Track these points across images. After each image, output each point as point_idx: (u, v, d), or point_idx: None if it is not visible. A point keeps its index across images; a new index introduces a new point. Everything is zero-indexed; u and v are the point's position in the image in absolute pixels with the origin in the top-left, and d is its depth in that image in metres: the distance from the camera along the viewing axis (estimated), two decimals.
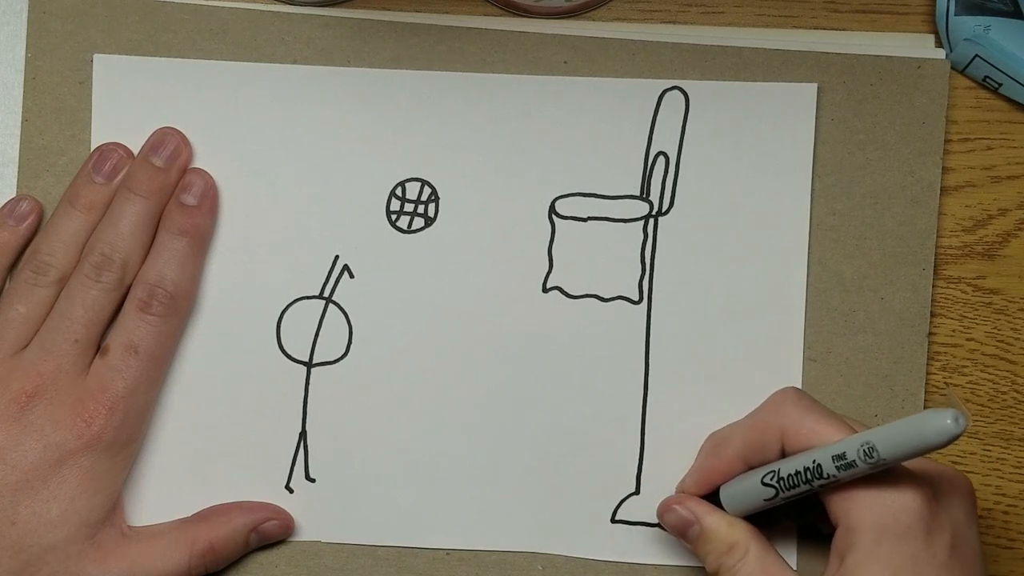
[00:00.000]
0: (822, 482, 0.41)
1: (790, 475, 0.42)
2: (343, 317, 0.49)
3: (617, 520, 0.49)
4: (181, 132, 0.48)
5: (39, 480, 0.44)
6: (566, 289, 0.49)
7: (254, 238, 0.49)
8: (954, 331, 0.50)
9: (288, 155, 0.49)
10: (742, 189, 0.49)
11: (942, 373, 0.50)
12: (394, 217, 0.49)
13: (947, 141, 0.50)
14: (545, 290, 0.49)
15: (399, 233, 0.49)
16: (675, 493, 0.48)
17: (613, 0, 0.50)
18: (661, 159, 0.49)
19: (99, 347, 0.47)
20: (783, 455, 0.43)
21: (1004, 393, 0.50)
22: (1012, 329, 0.50)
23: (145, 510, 0.49)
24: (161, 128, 0.48)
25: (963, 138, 0.50)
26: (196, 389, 0.49)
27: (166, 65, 0.49)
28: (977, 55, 0.48)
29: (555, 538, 0.49)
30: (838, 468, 0.40)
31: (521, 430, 0.49)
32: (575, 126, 0.49)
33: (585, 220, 0.49)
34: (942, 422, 0.37)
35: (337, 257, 0.49)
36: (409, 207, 0.49)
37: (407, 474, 0.49)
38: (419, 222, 0.49)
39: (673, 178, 0.49)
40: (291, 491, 0.49)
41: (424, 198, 0.49)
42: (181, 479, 0.49)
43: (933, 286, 0.49)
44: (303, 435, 0.49)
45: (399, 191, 0.49)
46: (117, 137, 0.49)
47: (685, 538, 0.46)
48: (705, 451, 0.47)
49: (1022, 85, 0.49)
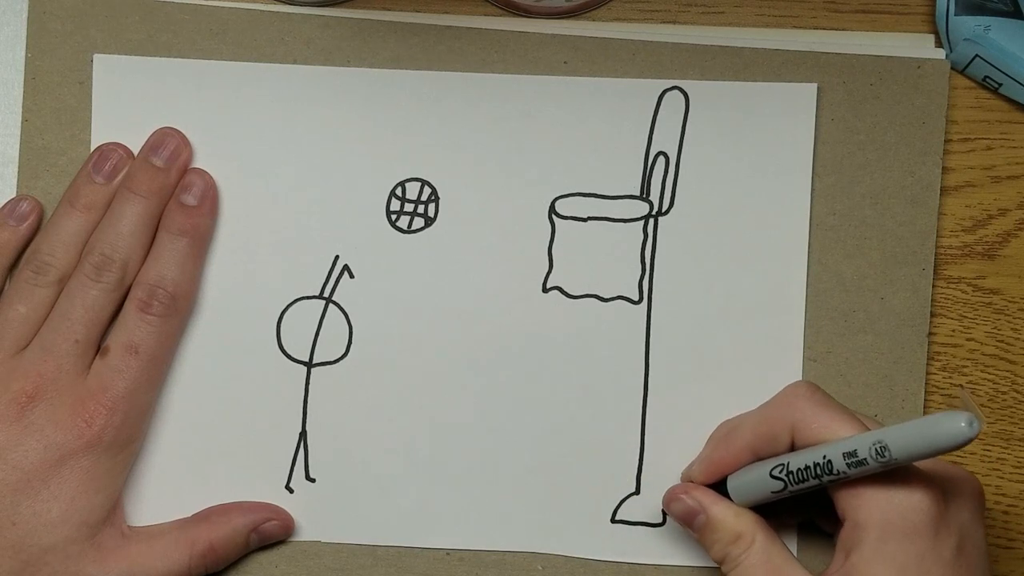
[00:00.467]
0: (831, 478, 0.41)
1: (799, 469, 0.42)
2: (343, 317, 0.49)
3: (617, 520, 0.49)
4: (181, 132, 0.48)
5: (39, 480, 0.44)
6: (566, 289, 0.49)
7: (254, 238, 0.49)
8: (954, 331, 0.50)
9: (288, 155, 0.49)
10: (742, 189, 0.49)
11: (942, 373, 0.50)
12: (394, 217, 0.49)
13: (947, 141, 0.50)
14: (545, 290, 0.49)
15: (399, 233, 0.49)
16: (680, 481, 0.48)
17: (613, 0, 0.50)
18: (661, 159, 0.49)
19: (99, 347, 0.47)
20: (792, 448, 0.43)
21: (1004, 393, 0.50)
22: (1012, 329, 0.50)
23: (145, 510, 0.49)
24: (161, 128, 0.48)
25: (963, 138, 0.50)
26: (196, 389, 0.49)
27: (166, 65, 0.49)
28: (977, 55, 0.48)
29: (555, 538, 0.49)
30: (849, 465, 0.40)
31: (521, 430, 0.49)
32: (575, 126, 0.49)
33: (585, 220, 0.49)
34: (956, 425, 0.37)
35: (337, 257, 0.49)
36: (409, 207, 0.49)
37: (407, 474, 0.49)
38: (419, 222, 0.49)
39: (673, 178, 0.49)
40: (291, 491, 0.49)
41: (424, 198, 0.49)
42: (181, 479, 0.49)
43: (933, 286, 0.49)
44: (303, 435, 0.49)
45: (399, 191, 0.49)
46: (117, 137, 0.49)
47: (691, 527, 0.46)
48: (714, 440, 0.47)
49: (1022, 85, 0.49)
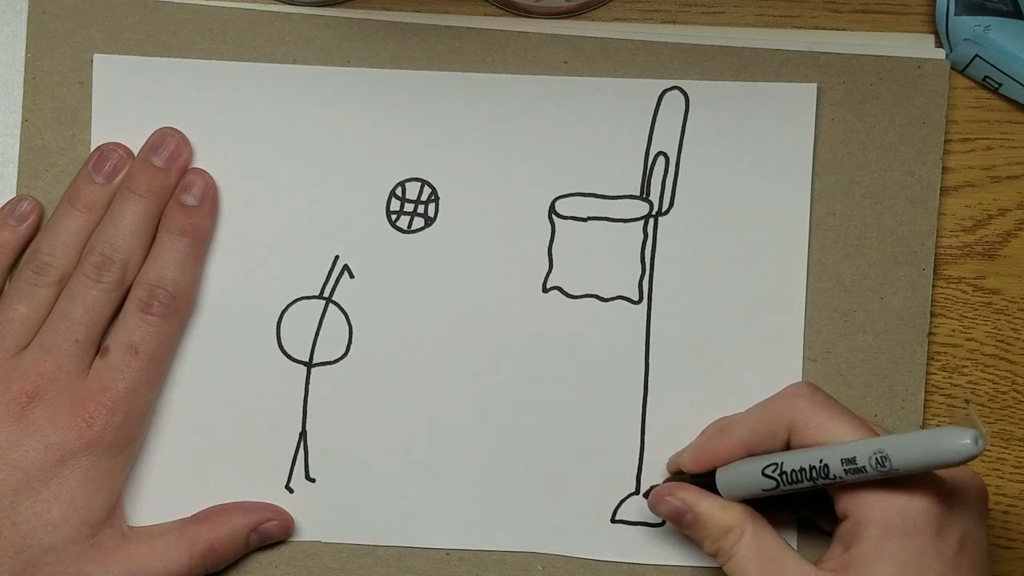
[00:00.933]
0: (826, 482, 0.41)
1: (794, 471, 0.42)
2: (343, 317, 0.49)
3: (617, 520, 0.49)
4: (181, 132, 0.48)
5: (40, 481, 0.44)
6: (566, 289, 0.49)
7: (254, 238, 0.49)
8: (954, 331, 0.50)
9: (288, 155, 0.49)
10: (742, 189, 0.49)
11: (942, 373, 0.50)
12: (394, 217, 0.49)
13: (947, 141, 0.50)
14: (545, 290, 0.49)
15: (399, 233, 0.49)
16: (667, 468, 0.48)
17: (613, 0, 0.50)
18: (661, 159, 0.49)
19: (99, 347, 0.47)
20: (788, 447, 0.43)
21: (1004, 393, 0.50)
22: (1012, 329, 0.50)
23: (145, 510, 0.49)
24: (161, 128, 0.48)
25: (963, 138, 0.50)
26: (196, 389, 0.49)
27: (166, 65, 0.49)
28: (977, 55, 0.48)
29: (555, 538, 0.49)
30: (846, 471, 0.40)
31: (521, 430, 0.49)
32: (575, 126, 0.49)
33: (585, 220, 0.49)
34: (961, 441, 0.37)
35: (337, 257, 0.49)
36: (409, 207, 0.49)
37: (407, 474, 0.49)
38: (419, 222, 0.49)
39: (673, 178, 0.49)
40: (291, 491, 0.49)
41: (424, 198, 0.49)
42: (181, 479, 0.49)
43: (933, 286, 0.49)
44: (303, 435, 0.49)
45: (399, 191, 0.49)
46: (117, 137, 0.49)
47: (680, 525, 0.46)
48: (708, 433, 0.47)
49: (1022, 85, 0.49)
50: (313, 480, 0.49)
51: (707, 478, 0.46)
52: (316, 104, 0.49)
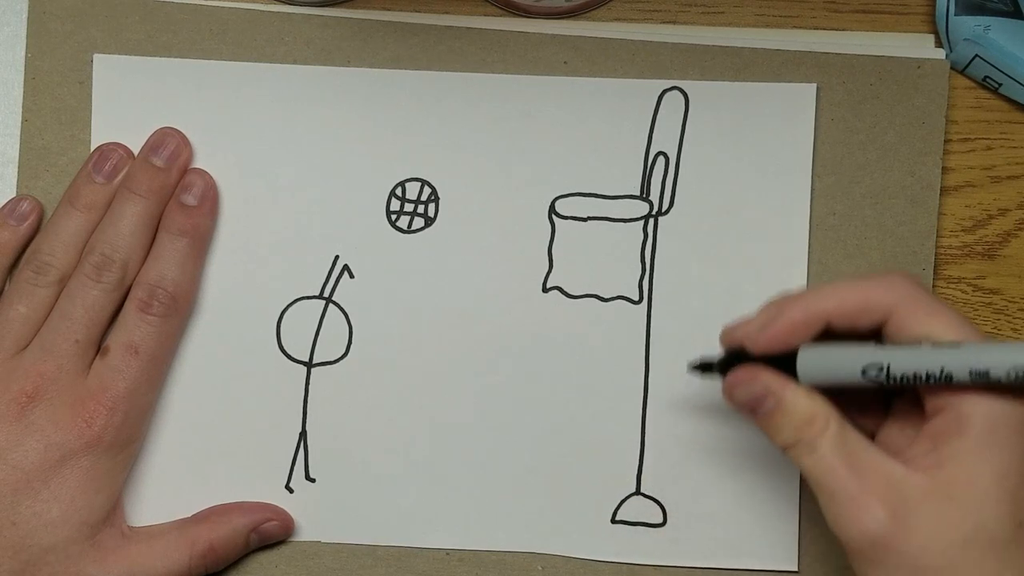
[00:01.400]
0: (938, 378, 0.38)
1: (905, 375, 0.38)
2: (343, 317, 0.49)
3: (617, 520, 0.49)
4: (181, 132, 0.48)
5: (40, 481, 0.44)
6: (566, 289, 0.49)
7: (254, 238, 0.49)
8: None
9: (288, 155, 0.49)
10: (742, 189, 0.49)
11: None
12: (394, 217, 0.49)
13: (947, 141, 0.50)
14: (545, 290, 0.49)
15: (399, 233, 0.49)
16: (723, 343, 0.43)
17: (613, 0, 0.50)
18: (661, 159, 0.49)
19: (100, 347, 0.47)
20: (873, 335, 0.40)
21: None
22: (1012, 329, 0.50)
23: (145, 510, 0.49)
24: (161, 128, 0.48)
25: (963, 138, 0.50)
26: (196, 389, 0.49)
27: (166, 65, 0.49)
28: (977, 55, 0.48)
29: (555, 538, 0.49)
30: (972, 379, 0.37)
31: (521, 430, 0.49)
32: (575, 126, 0.49)
33: (585, 220, 0.49)
34: None
35: (337, 257, 0.49)
36: (409, 207, 0.49)
37: (407, 474, 0.49)
38: (419, 222, 0.49)
39: (673, 178, 0.49)
40: (291, 491, 0.49)
41: (424, 198, 0.49)
42: (181, 479, 0.49)
43: (933, 286, 0.49)
44: (303, 435, 0.49)
45: (399, 191, 0.49)
46: (117, 137, 0.49)
47: (755, 415, 0.41)
48: (790, 307, 0.41)
49: (1022, 85, 0.49)
50: (313, 480, 0.49)
51: (776, 360, 0.41)
52: (316, 104, 0.49)
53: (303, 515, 0.49)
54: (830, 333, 0.41)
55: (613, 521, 0.49)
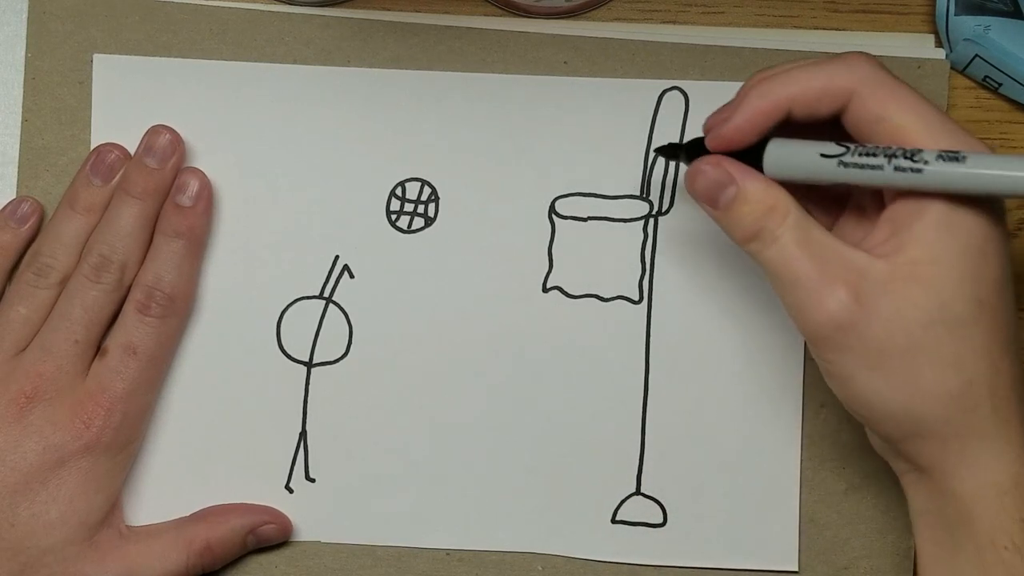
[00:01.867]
0: (906, 165, 0.37)
1: (871, 147, 0.38)
2: (343, 317, 0.49)
3: (617, 520, 0.49)
4: (174, 129, 0.48)
5: (38, 482, 0.44)
6: (566, 289, 0.49)
7: (254, 238, 0.49)
8: None
9: (288, 155, 0.49)
10: None
11: None
12: (394, 217, 0.49)
13: None
14: (545, 290, 0.49)
15: (399, 233, 0.49)
16: (703, 132, 0.43)
17: (613, 0, 0.50)
18: (661, 159, 0.49)
19: (99, 348, 0.47)
20: (835, 120, 0.40)
21: None
22: None
23: (144, 510, 0.48)
24: (153, 127, 0.48)
25: None
26: (196, 389, 0.49)
27: (166, 65, 0.49)
28: (977, 55, 0.48)
29: (555, 538, 0.49)
30: (940, 157, 0.37)
31: (521, 430, 0.49)
32: (575, 126, 0.49)
33: (585, 220, 0.49)
34: None
35: (337, 257, 0.49)
36: (409, 207, 0.49)
37: (407, 474, 0.49)
38: (419, 222, 0.49)
39: (673, 178, 0.49)
40: (291, 491, 0.49)
41: (424, 198, 0.49)
42: (181, 479, 0.49)
43: None
44: (303, 435, 0.49)
45: (399, 191, 0.49)
46: (117, 137, 0.49)
47: (716, 204, 0.41)
48: (749, 94, 0.41)
49: (1022, 85, 0.49)
50: (313, 480, 0.49)
51: (743, 155, 0.41)
52: (316, 104, 0.49)
53: (303, 515, 0.49)
54: (792, 125, 0.41)
55: (613, 521, 0.49)
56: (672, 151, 0.45)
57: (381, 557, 0.49)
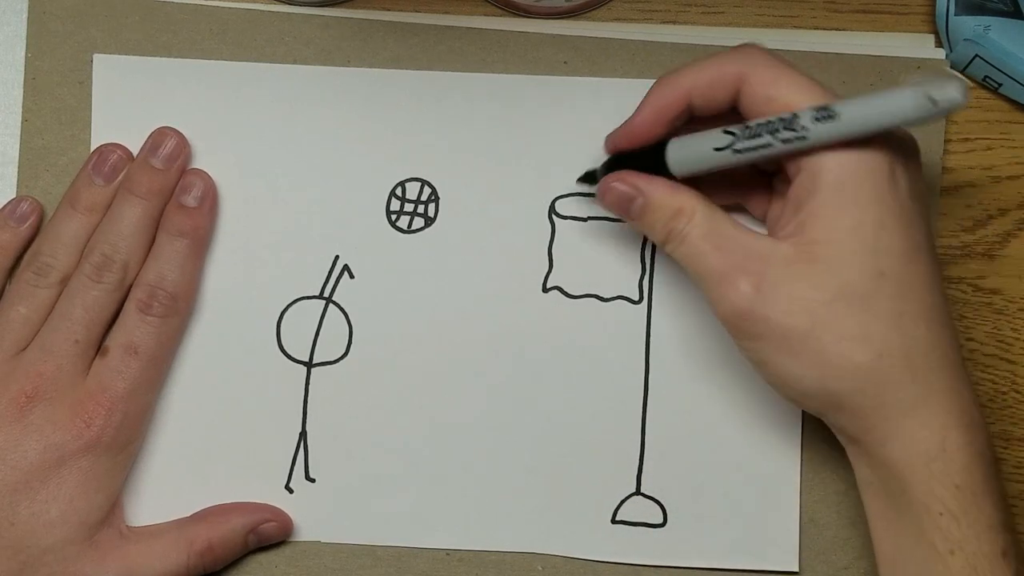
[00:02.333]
0: (789, 135, 0.39)
1: (759, 123, 0.40)
2: (343, 317, 0.49)
3: (617, 520, 0.49)
4: (180, 132, 0.48)
5: (38, 481, 0.44)
6: (566, 289, 0.49)
7: (254, 238, 0.49)
8: None
9: (288, 155, 0.49)
10: None
11: None
12: (394, 217, 0.49)
13: (947, 141, 0.50)
14: (545, 290, 0.49)
15: (399, 233, 0.49)
16: (606, 150, 0.46)
17: (613, 0, 0.50)
18: None
19: (99, 348, 0.47)
20: (733, 108, 0.42)
21: (1004, 393, 0.50)
22: (1012, 329, 0.50)
23: (145, 510, 0.48)
24: (160, 128, 0.48)
25: (963, 138, 0.50)
26: (196, 389, 0.49)
27: (166, 65, 0.49)
28: (977, 55, 0.48)
29: (555, 538, 0.49)
30: (816, 119, 0.38)
31: (521, 430, 0.49)
32: (575, 126, 0.49)
33: (585, 220, 0.49)
34: (952, 88, 0.36)
35: (337, 257, 0.49)
36: (409, 207, 0.49)
37: (407, 474, 0.49)
38: (419, 222, 0.49)
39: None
40: (291, 491, 0.49)
41: (424, 198, 0.49)
42: (181, 479, 0.49)
43: None
44: (303, 435, 0.49)
45: (399, 191, 0.49)
46: (117, 137, 0.49)
47: (628, 215, 0.44)
48: (651, 92, 0.44)
49: (1022, 85, 0.49)
50: (313, 480, 0.49)
51: (652, 162, 0.44)
52: (316, 104, 0.49)
53: (303, 515, 0.49)
54: (699, 120, 0.43)
55: (613, 521, 0.49)
56: (591, 177, 0.47)
57: (381, 557, 0.49)
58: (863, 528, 0.48)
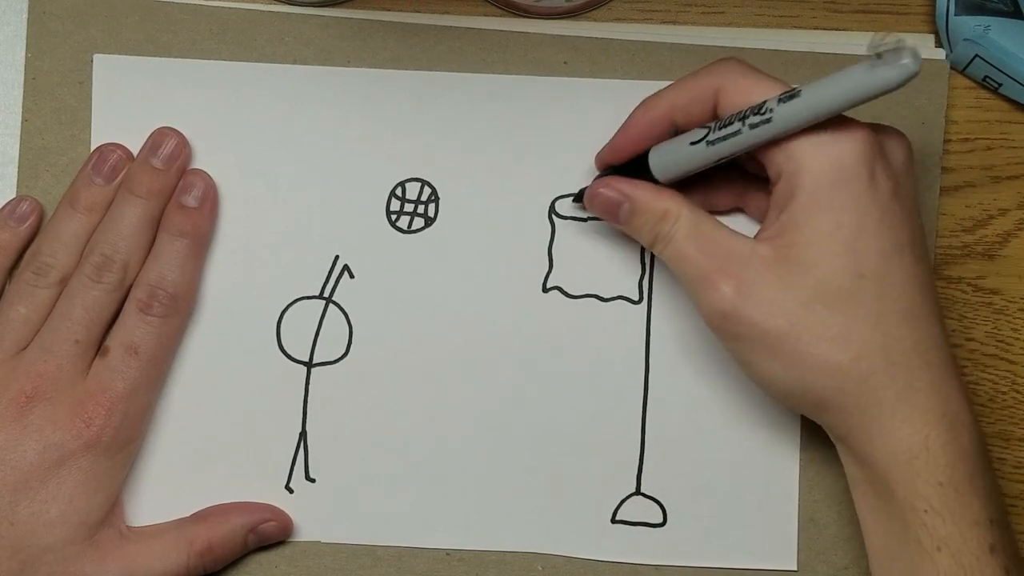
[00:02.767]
0: (756, 119, 0.40)
1: (729, 116, 0.41)
2: (343, 317, 0.49)
3: (617, 520, 0.49)
4: (180, 132, 0.48)
5: (38, 481, 0.44)
6: (566, 289, 0.49)
7: (254, 238, 0.49)
8: (954, 331, 0.50)
9: (288, 155, 0.49)
10: None
11: None
12: (394, 217, 0.49)
13: (947, 141, 0.50)
14: (545, 290, 0.49)
15: (399, 233, 0.49)
16: (596, 166, 0.48)
17: (613, 0, 0.50)
18: None
19: (99, 348, 0.47)
20: (715, 119, 0.43)
21: (1004, 393, 0.50)
22: (1012, 329, 0.50)
23: (145, 510, 0.48)
24: (160, 128, 0.48)
25: (963, 138, 0.50)
26: (196, 389, 0.49)
27: (166, 65, 0.49)
28: (977, 55, 0.48)
29: (555, 538, 0.49)
30: (780, 101, 0.39)
31: (521, 430, 0.49)
32: (575, 126, 0.49)
33: (585, 220, 0.49)
34: (903, 60, 0.37)
35: (337, 257, 0.49)
36: (409, 207, 0.49)
37: (407, 474, 0.49)
38: (419, 222, 0.49)
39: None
40: (291, 491, 0.49)
41: (424, 198, 0.49)
42: (181, 479, 0.49)
43: None
44: (303, 435, 0.49)
45: (399, 191, 0.49)
46: (117, 137, 0.49)
47: (617, 220, 0.45)
48: (633, 112, 0.46)
49: (1022, 85, 0.49)
50: (313, 480, 0.49)
51: (639, 170, 0.45)
52: (316, 104, 0.49)
53: (303, 515, 0.49)
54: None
55: (613, 521, 0.49)
56: (583, 195, 0.48)
57: (381, 557, 0.49)
58: None
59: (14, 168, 0.50)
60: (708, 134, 0.42)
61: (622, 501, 0.49)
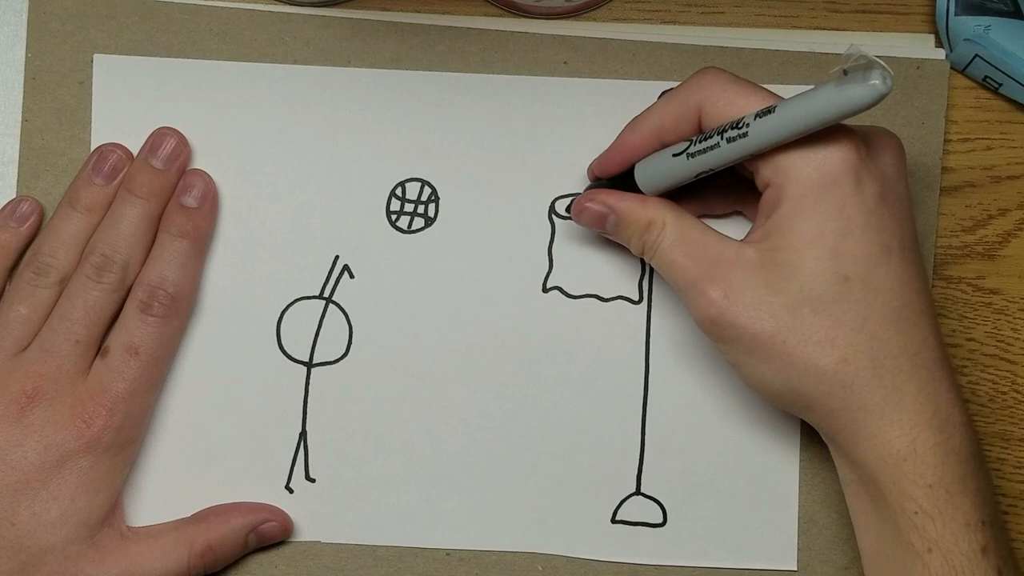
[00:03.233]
0: (733, 133, 0.40)
1: (710, 131, 0.42)
2: (343, 317, 0.49)
3: (617, 520, 0.49)
4: (180, 132, 0.48)
5: (39, 481, 0.44)
6: (566, 289, 0.49)
7: (254, 238, 0.49)
8: (954, 331, 0.50)
9: (288, 155, 0.49)
10: None
11: None
12: (394, 217, 0.49)
13: (947, 141, 0.50)
14: (545, 290, 0.49)
15: (399, 233, 0.49)
16: (587, 175, 0.48)
17: (613, 0, 0.50)
18: None
19: (100, 348, 0.47)
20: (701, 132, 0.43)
21: (1004, 393, 0.50)
22: (1012, 329, 0.50)
23: (145, 510, 0.49)
24: (160, 128, 0.48)
25: (963, 138, 0.50)
26: (196, 389, 0.49)
27: (166, 65, 0.49)
28: (977, 55, 0.48)
29: (555, 538, 0.49)
30: (757, 116, 0.40)
31: (521, 430, 0.49)
32: (575, 126, 0.49)
33: None
34: (872, 80, 0.36)
35: (337, 257, 0.49)
36: (409, 207, 0.49)
37: (407, 474, 0.49)
38: (419, 222, 0.49)
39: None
40: (291, 491, 0.49)
41: (424, 198, 0.49)
42: (181, 479, 0.49)
43: (933, 286, 0.49)
44: (303, 435, 0.49)
45: (399, 191, 0.49)
46: (117, 137, 0.49)
47: (605, 232, 0.46)
48: (622, 133, 0.46)
49: (1022, 85, 0.49)
50: (313, 480, 0.49)
51: (627, 182, 0.46)
52: (316, 104, 0.49)
53: (303, 515, 0.49)
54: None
55: (613, 521, 0.49)
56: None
57: (381, 557, 0.49)
58: None
59: (14, 168, 0.50)
60: (689, 147, 0.42)
61: (622, 501, 0.49)
